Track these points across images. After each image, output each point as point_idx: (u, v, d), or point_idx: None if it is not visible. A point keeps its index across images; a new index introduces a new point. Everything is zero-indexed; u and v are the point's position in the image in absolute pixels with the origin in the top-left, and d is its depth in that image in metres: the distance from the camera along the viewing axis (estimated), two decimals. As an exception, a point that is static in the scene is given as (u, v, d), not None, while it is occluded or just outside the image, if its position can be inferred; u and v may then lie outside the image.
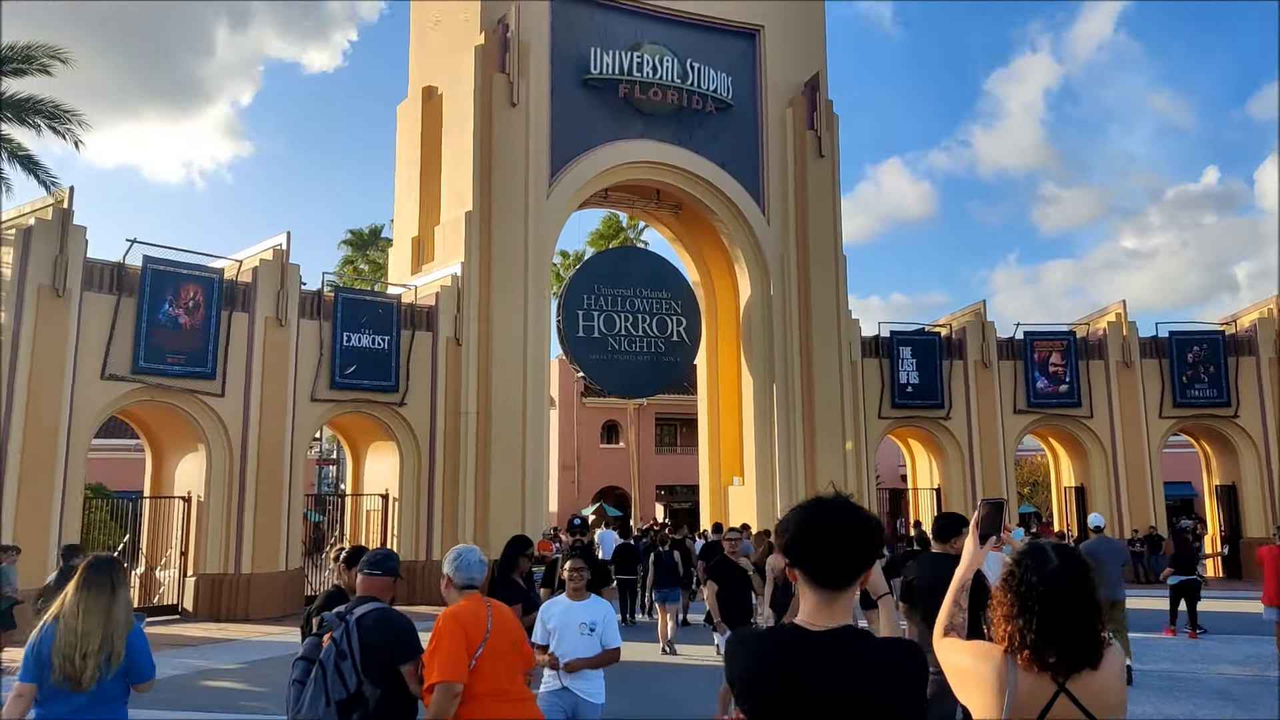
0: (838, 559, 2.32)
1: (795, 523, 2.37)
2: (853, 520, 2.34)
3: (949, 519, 6.29)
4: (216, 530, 18.69)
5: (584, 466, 39.19)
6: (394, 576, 4.59)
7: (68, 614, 4.18)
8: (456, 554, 4.50)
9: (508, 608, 4.67)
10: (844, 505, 2.37)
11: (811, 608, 2.34)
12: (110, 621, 4.20)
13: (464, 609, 4.34)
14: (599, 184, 24.76)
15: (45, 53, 17.67)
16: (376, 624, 4.25)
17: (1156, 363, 27.00)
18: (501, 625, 4.40)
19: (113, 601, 4.25)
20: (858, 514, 2.35)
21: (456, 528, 20.93)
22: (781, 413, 25.28)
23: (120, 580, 4.38)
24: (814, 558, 2.33)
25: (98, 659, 4.09)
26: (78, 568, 4.43)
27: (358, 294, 22.45)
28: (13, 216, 17.94)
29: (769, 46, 26.44)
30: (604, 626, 5.90)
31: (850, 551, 2.32)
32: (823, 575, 2.33)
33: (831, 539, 2.32)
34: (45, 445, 16.53)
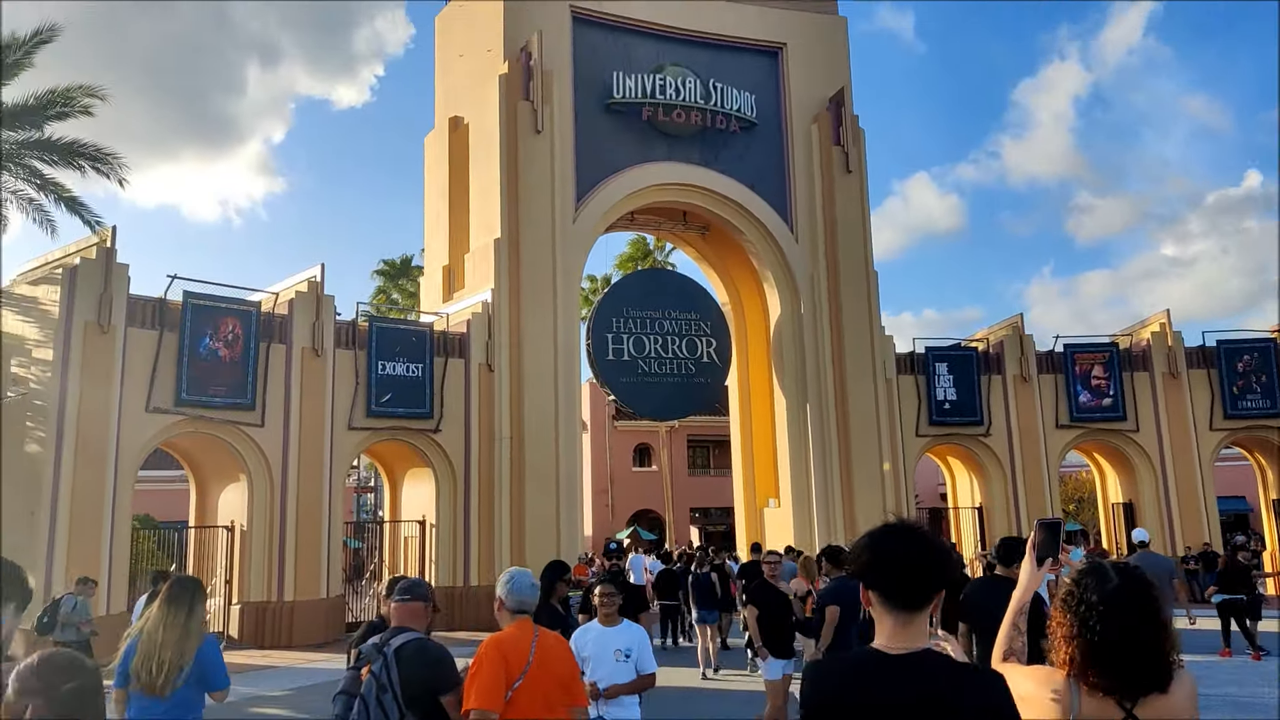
0: (912, 579, 2.36)
1: (867, 547, 2.43)
2: (923, 542, 2.40)
3: (1013, 543, 6.28)
4: (259, 558, 19.00)
5: (617, 490, 39.13)
6: (425, 602, 4.54)
7: (150, 629, 4.61)
8: (509, 576, 4.44)
9: (562, 641, 4.55)
10: (913, 529, 2.44)
11: (889, 631, 2.36)
12: (185, 636, 4.59)
13: (508, 636, 4.27)
14: (625, 207, 24.94)
15: (85, 93, 18.33)
16: (415, 655, 4.19)
17: (1205, 373, 26.32)
18: (547, 658, 4.27)
19: (189, 618, 4.64)
20: (927, 536, 2.43)
21: (493, 553, 21.03)
22: (816, 432, 25.06)
23: (198, 600, 4.78)
24: (889, 580, 2.37)
25: (173, 669, 4.45)
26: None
27: (391, 323, 22.82)
28: (59, 256, 18.57)
29: (792, 63, 26.52)
30: (639, 652, 5.83)
31: (924, 572, 2.36)
32: (899, 596, 2.35)
33: (905, 561, 2.36)
34: (94, 477, 16.98)
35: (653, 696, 6.41)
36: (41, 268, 18.83)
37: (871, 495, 24.62)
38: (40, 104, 18.48)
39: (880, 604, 2.38)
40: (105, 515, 17.05)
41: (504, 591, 4.40)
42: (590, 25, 24.56)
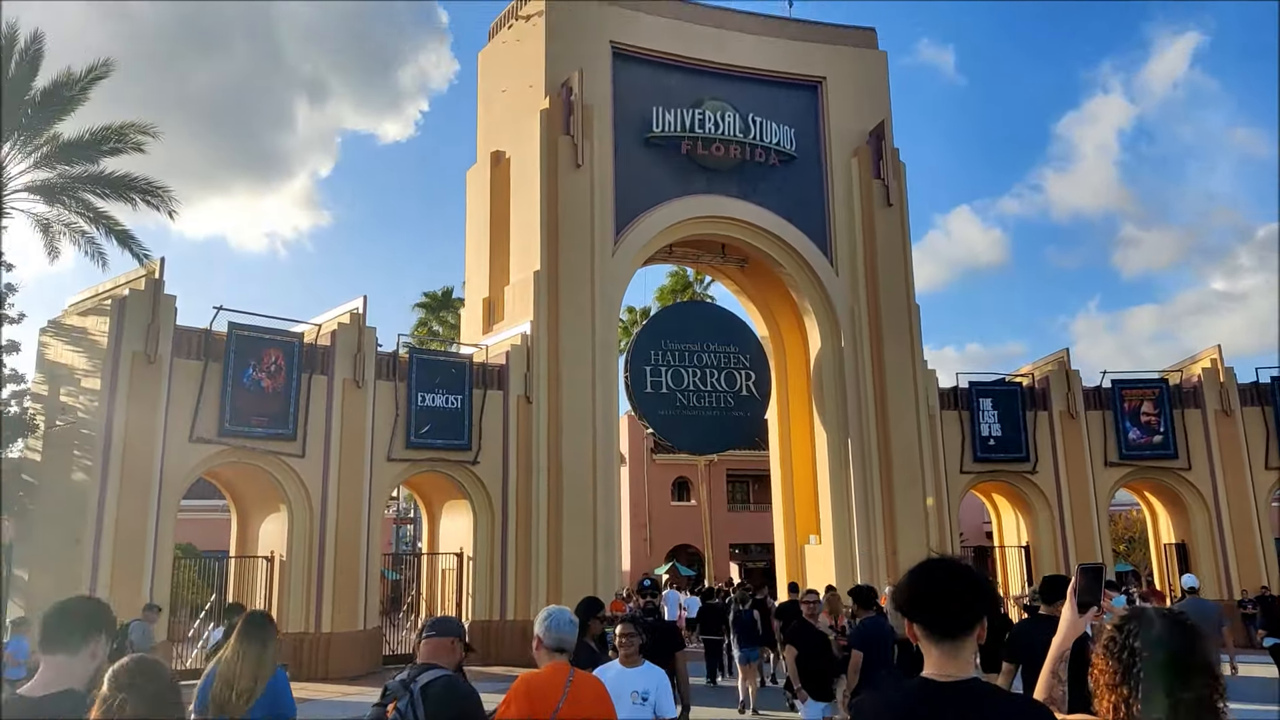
0: (952, 608, 2.46)
1: (908, 583, 2.55)
2: (962, 573, 2.51)
3: (1056, 580, 6.34)
4: (298, 589, 18.99)
5: (656, 525, 38.78)
6: (453, 638, 4.41)
7: (228, 658, 5.01)
8: (548, 614, 4.35)
9: (597, 684, 4.41)
10: (953, 561, 2.56)
11: (936, 661, 2.45)
12: (259, 666, 4.98)
13: (540, 677, 4.16)
14: (664, 240, 24.97)
15: (137, 130, 18.82)
16: (442, 692, 4.07)
17: (1259, 410, 25.59)
18: (581, 700, 4.14)
19: (263, 650, 5.03)
20: (966, 568, 2.54)
21: (530, 587, 20.86)
22: (858, 468, 24.66)
23: (270, 634, 5.15)
24: (930, 611, 2.47)
25: (246, 697, 4.86)
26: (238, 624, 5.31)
27: (431, 355, 22.94)
28: (108, 287, 18.95)
29: (831, 97, 26.52)
30: (657, 695, 5.60)
31: (964, 599, 2.46)
32: (940, 625, 2.45)
33: (946, 591, 2.47)
34: (138, 506, 17.15)
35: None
36: (91, 299, 19.22)
37: (915, 532, 24.10)
38: (95, 139, 18.99)
39: (925, 636, 2.48)
40: (148, 544, 17.18)
41: (542, 630, 4.29)
42: (630, 61, 24.80)
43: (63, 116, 18.64)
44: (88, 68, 18.42)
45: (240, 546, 21.08)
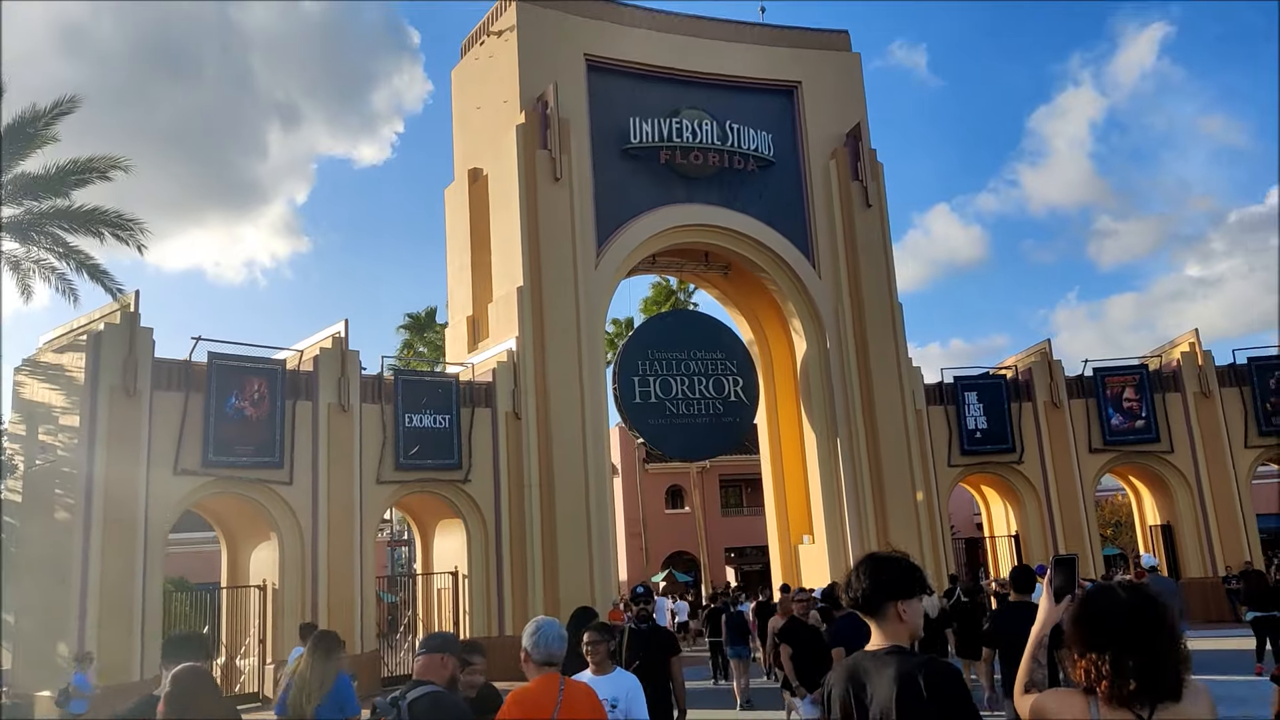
0: (869, 590, 3.05)
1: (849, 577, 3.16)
2: (879, 559, 3.12)
3: (1024, 570, 7.19)
4: (292, 616, 18.75)
5: (651, 533, 38.74)
6: (443, 654, 4.45)
7: (301, 669, 6.11)
8: (535, 627, 4.32)
9: (589, 692, 4.38)
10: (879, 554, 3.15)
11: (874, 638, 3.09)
12: (323, 673, 6.00)
13: (530, 691, 4.14)
14: (646, 250, 24.97)
15: (107, 163, 18.58)
16: (429, 709, 4.12)
17: (1237, 391, 25.94)
18: (574, 711, 4.12)
19: (327, 660, 6.05)
20: (884, 558, 3.13)
21: (526, 601, 20.76)
22: (847, 467, 24.77)
23: (334, 648, 6.22)
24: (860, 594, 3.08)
25: (315, 699, 5.82)
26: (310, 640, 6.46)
27: (417, 375, 22.82)
28: (83, 323, 18.68)
29: (808, 101, 26.64)
30: (627, 702, 5.46)
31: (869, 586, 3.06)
32: (864, 607, 3.07)
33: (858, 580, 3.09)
34: (124, 542, 16.91)
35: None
36: (66, 335, 18.94)
37: (906, 527, 24.23)
38: (63, 173, 18.74)
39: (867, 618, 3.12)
40: (136, 579, 16.95)
41: (530, 643, 4.26)
42: (605, 72, 24.80)
43: (28, 153, 18.39)
44: (53, 103, 18.17)
45: (232, 577, 20.84)
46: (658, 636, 8.21)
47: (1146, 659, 2.52)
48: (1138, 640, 2.54)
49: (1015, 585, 6.94)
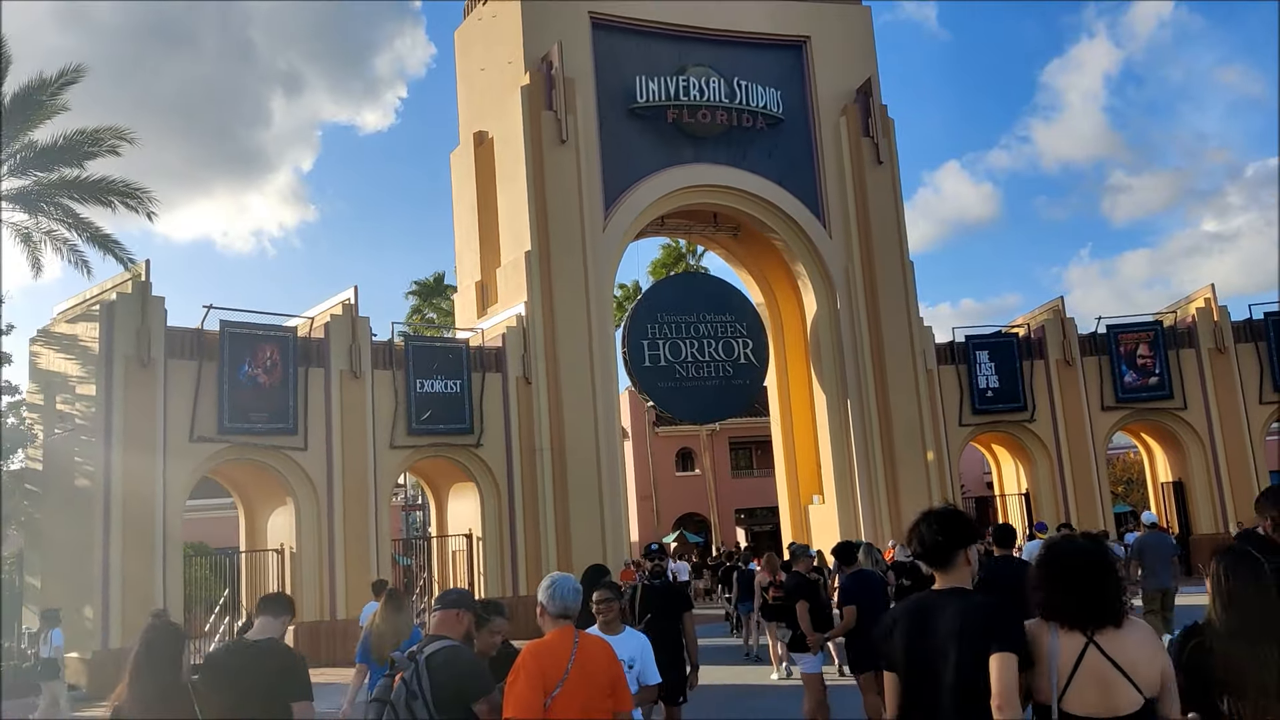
0: (942, 541, 3.51)
1: (915, 525, 3.61)
2: (946, 513, 3.60)
3: (1006, 527, 8.25)
4: (311, 579, 19.12)
5: (661, 495, 39.01)
6: (458, 609, 4.54)
7: (379, 621, 6.90)
8: (550, 581, 4.37)
9: (604, 645, 4.42)
10: (940, 509, 3.67)
11: (938, 580, 3.54)
12: (398, 624, 6.69)
13: (546, 644, 4.20)
14: (654, 212, 24.82)
15: (113, 134, 18.56)
16: (445, 663, 4.21)
17: (1252, 346, 25.78)
18: (587, 663, 4.15)
19: (399, 613, 6.80)
20: (949, 512, 3.63)
21: (540, 563, 21.01)
22: (858, 427, 24.80)
23: (406, 602, 7.12)
24: (933, 544, 3.52)
25: (391, 646, 6.23)
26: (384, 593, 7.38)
27: (427, 341, 22.90)
28: (96, 293, 18.81)
29: (817, 57, 26.21)
30: (642, 663, 5.52)
31: (943, 537, 3.51)
32: (933, 555, 3.53)
33: (930, 533, 3.55)
34: (144, 509, 17.19)
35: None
36: (79, 305, 19.08)
37: (916, 487, 24.31)
38: (70, 144, 18.74)
39: (929, 567, 3.60)
40: (156, 545, 17.26)
41: (546, 597, 4.30)
42: (610, 30, 24.46)
43: (37, 123, 18.38)
44: (59, 72, 18.12)
45: (250, 541, 21.17)
46: (671, 592, 8.38)
47: (1089, 591, 3.19)
48: (1082, 576, 3.22)
49: (998, 541, 8.02)
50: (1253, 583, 3.18)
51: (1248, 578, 3.20)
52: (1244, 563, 3.24)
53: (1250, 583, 3.18)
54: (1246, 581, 3.19)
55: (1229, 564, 3.25)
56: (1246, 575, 3.21)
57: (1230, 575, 3.22)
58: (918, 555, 3.57)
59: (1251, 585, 3.18)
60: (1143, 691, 3.10)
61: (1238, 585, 3.20)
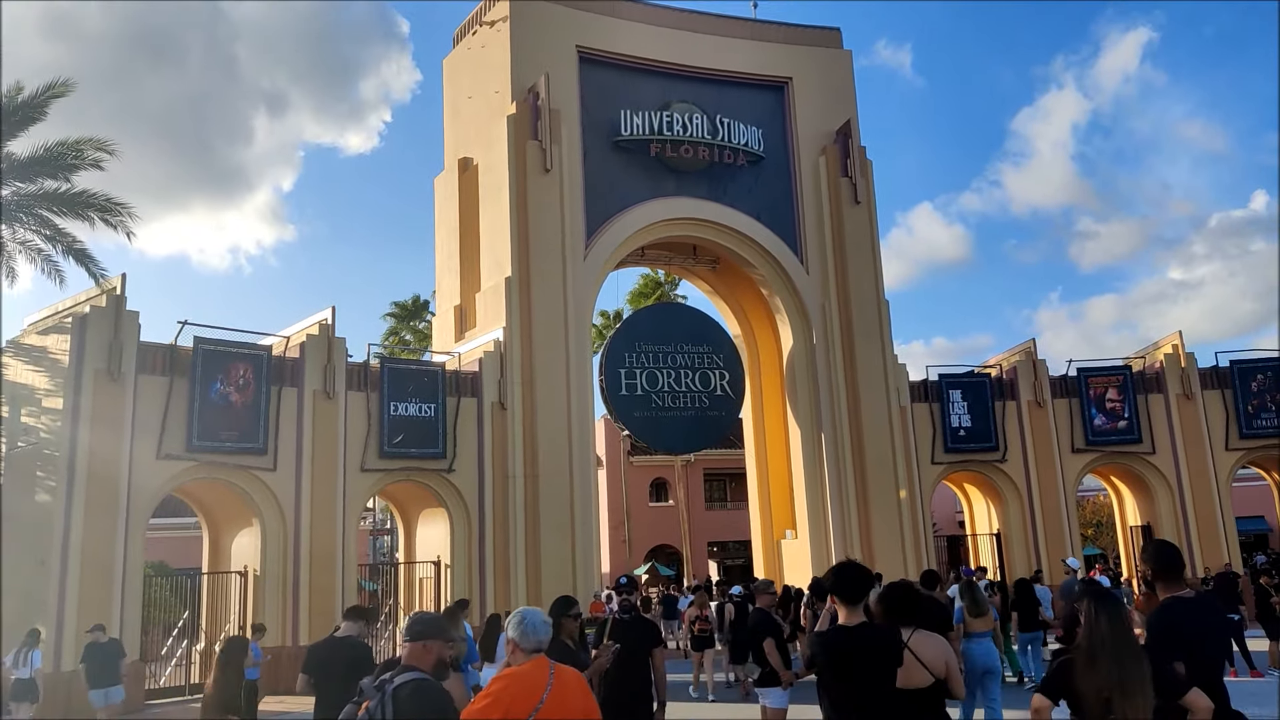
0: (848, 589, 4.95)
1: (831, 575, 5.09)
2: (850, 565, 5.17)
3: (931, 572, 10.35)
4: (274, 603, 18.78)
5: (634, 526, 38.81)
6: (424, 641, 4.48)
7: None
8: (521, 617, 4.34)
9: (580, 679, 4.38)
10: (851, 562, 5.28)
11: (846, 616, 4.89)
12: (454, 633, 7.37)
13: (521, 674, 4.15)
14: (635, 243, 24.99)
15: (94, 146, 18.42)
16: (411, 695, 4.17)
17: (1219, 393, 26.15)
18: (564, 696, 4.11)
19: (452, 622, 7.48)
20: (850, 565, 5.19)
21: (509, 593, 20.80)
22: (831, 463, 24.88)
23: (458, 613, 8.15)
24: (842, 590, 4.95)
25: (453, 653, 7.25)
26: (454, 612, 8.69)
27: (403, 364, 22.75)
28: (69, 305, 18.58)
29: (798, 97, 26.68)
30: None
31: (852, 583, 4.96)
32: (847, 596, 4.92)
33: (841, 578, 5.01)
34: (105, 525, 16.85)
35: None
36: (51, 317, 18.83)
37: (888, 524, 24.39)
38: (50, 156, 18.59)
39: (840, 603, 4.95)
40: (117, 563, 16.90)
41: (517, 633, 4.27)
42: (597, 64, 24.78)
43: (16, 134, 18.24)
44: (46, 85, 18.02)
45: (213, 562, 20.80)
46: (640, 626, 8.26)
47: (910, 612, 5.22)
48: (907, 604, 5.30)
49: (923, 583, 9.20)
50: (1107, 616, 3.99)
51: (1104, 612, 4.01)
52: (1105, 601, 4.08)
53: (1105, 616, 3.99)
54: (1102, 615, 4.00)
55: (1093, 601, 4.07)
56: (1104, 610, 4.01)
57: (1093, 610, 4.03)
58: (834, 590, 5.04)
59: (1105, 618, 3.99)
60: (933, 673, 4.95)
61: (1097, 617, 4.01)
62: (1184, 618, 4.48)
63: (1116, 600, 4.15)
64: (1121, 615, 4.05)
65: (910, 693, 4.77)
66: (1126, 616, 4.09)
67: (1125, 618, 4.06)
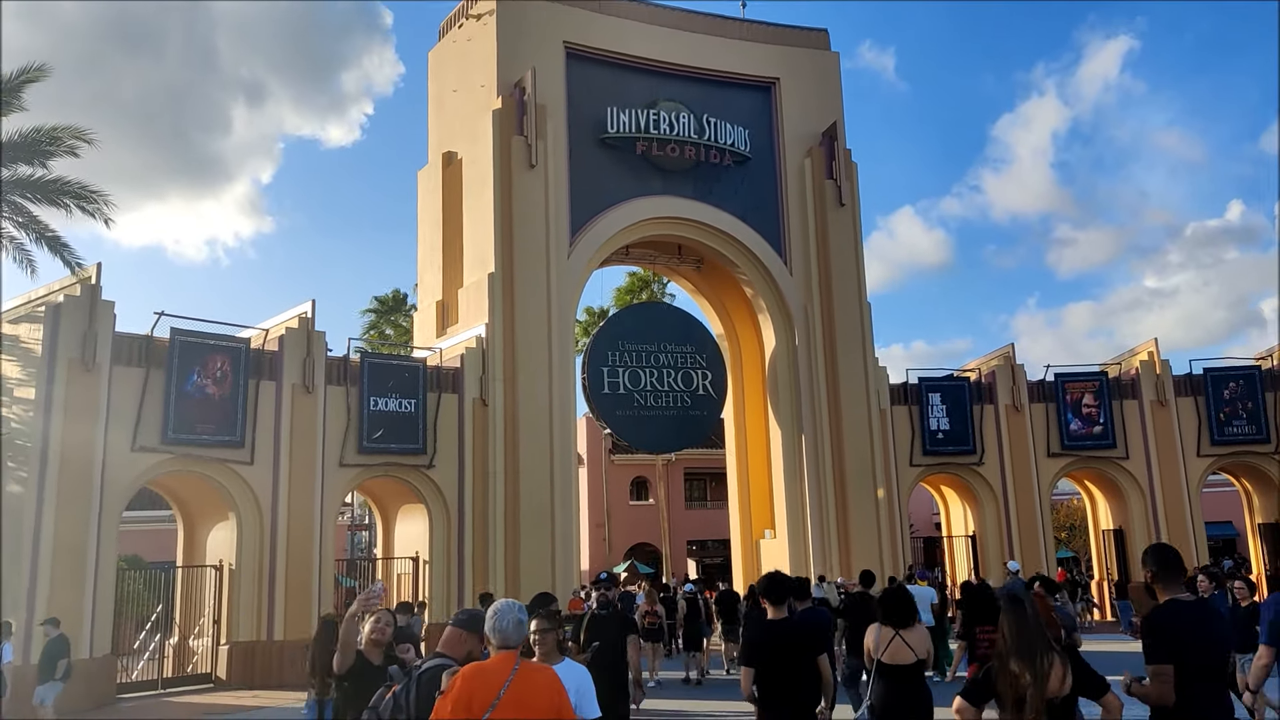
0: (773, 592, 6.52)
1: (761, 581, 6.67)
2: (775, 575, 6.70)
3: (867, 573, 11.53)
4: (249, 598, 18.62)
5: (614, 524, 38.79)
6: (463, 630, 4.66)
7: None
8: (493, 611, 4.30)
9: (549, 674, 4.27)
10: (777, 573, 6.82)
11: (772, 613, 6.50)
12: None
13: (481, 668, 4.10)
14: (620, 241, 24.94)
15: (71, 134, 18.11)
16: (431, 680, 4.31)
17: (1192, 400, 26.51)
18: (524, 693, 4.00)
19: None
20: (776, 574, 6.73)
21: (487, 589, 20.70)
22: (811, 463, 24.99)
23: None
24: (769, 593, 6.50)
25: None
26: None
27: (384, 358, 22.60)
28: (43, 294, 18.27)
29: (785, 98, 26.72)
30: (577, 696, 5.24)
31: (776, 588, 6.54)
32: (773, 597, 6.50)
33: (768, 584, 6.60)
34: (78, 518, 16.62)
35: None
36: (24, 306, 18.51)
37: (866, 525, 24.54)
38: (26, 142, 18.26)
39: (768, 603, 6.43)
40: (89, 556, 16.67)
41: (488, 627, 4.26)
42: (584, 61, 24.69)
43: (-5, 119, 17.88)
44: (19, 69, 17.69)
45: (188, 556, 20.58)
46: (617, 620, 8.49)
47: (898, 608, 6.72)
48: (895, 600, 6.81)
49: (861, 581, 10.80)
50: (1013, 617, 4.38)
51: (1010, 613, 4.40)
52: (1016, 605, 4.46)
53: (1011, 618, 4.38)
54: (1009, 617, 4.39)
55: (1008, 605, 4.47)
56: (1010, 612, 4.41)
57: (1008, 613, 4.42)
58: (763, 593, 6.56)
59: (1011, 619, 4.38)
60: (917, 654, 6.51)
61: (1011, 620, 4.38)
62: (1178, 620, 4.46)
63: (1024, 603, 4.59)
64: (1026, 615, 4.43)
65: (901, 666, 6.44)
66: (1034, 615, 4.44)
67: (1032, 617, 4.42)
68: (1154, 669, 4.41)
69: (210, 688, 18.13)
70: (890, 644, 6.47)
